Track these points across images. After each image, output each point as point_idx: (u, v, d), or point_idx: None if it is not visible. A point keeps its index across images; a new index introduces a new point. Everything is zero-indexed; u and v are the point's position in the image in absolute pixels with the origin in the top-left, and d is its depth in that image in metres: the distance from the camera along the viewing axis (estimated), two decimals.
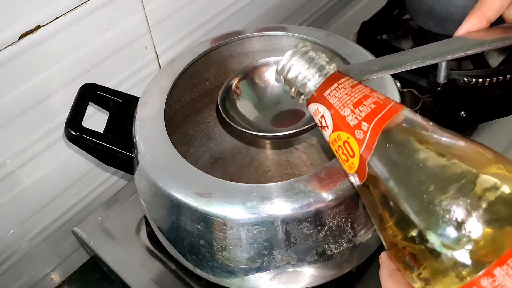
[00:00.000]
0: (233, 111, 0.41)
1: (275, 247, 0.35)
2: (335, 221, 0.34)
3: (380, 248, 0.45)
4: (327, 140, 0.30)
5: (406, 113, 0.27)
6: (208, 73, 0.50)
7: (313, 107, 0.30)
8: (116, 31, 0.49)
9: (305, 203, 0.33)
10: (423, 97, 0.42)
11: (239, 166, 0.56)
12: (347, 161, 0.28)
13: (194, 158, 0.53)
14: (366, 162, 0.27)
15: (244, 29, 0.48)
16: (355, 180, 0.28)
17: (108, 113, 0.44)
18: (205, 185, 0.35)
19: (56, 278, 0.58)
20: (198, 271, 0.40)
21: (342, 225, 0.35)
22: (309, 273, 0.37)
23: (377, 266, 0.46)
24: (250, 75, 0.43)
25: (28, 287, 0.56)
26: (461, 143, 0.25)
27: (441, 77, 0.43)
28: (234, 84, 0.42)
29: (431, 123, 0.27)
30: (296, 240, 0.34)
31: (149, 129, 0.40)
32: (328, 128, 0.29)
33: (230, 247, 0.35)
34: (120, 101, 0.45)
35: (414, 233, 0.24)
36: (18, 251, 0.52)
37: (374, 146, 0.26)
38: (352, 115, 0.27)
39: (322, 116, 0.29)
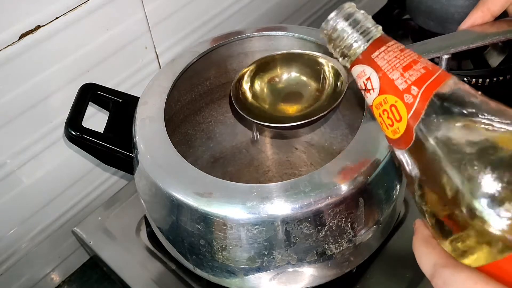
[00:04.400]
0: (244, 102, 0.41)
1: (275, 247, 0.35)
2: (335, 221, 0.34)
3: (380, 248, 0.45)
4: (369, 104, 0.30)
5: (456, 81, 0.27)
6: (208, 73, 0.50)
7: (358, 69, 0.30)
8: (116, 31, 0.49)
9: (305, 203, 0.33)
10: None
11: (239, 166, 0.56)
12: (392, 125, 0.28)
13: (194, 158, 0.53)
14: (414, 128, 0.26)
15: (244, 29, 0.48)
16: (397, 146, 0.28)
17: (108, 113, 0.44)
18: (205, 185, 0.35)
19: (56, 278, 0.58)
20: (198, 271, 0.40)
21: (342, 225, 0.35)
22: (309, 273, 0.37)
23: (377, 266, 0.46)
24: (261, 67, 0.43)
25: (28, 287, 0.56)
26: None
27: None
28: (245, 76, 0.43)
29: (479, 93, 0.26)
30: (296, 240, 0.34)
31: (149, 129, 0.40)
32: (373, 91, 0.29)
33: (230, 247, 0.35)
34: (120, 101, 0.45)
35: (460, 200, 0.24)
36: (18, 251, 0.52)
37: (423, 111, 0.26)
38: (402, 79, 0.27)
39: (368, 79, 0.29)
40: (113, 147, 0.42)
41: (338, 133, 0.54)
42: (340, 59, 0.32)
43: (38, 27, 0.43)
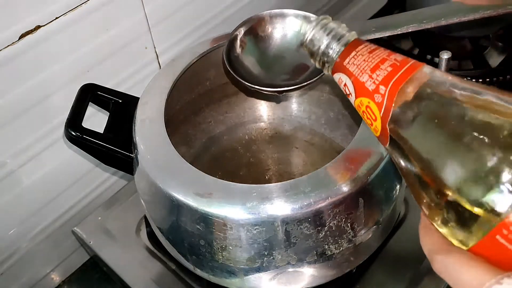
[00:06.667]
0: (238, 64, 0.41)
1: (275, 247, 0.35)
2: (335, 221, 0.34)
3: (380, 248, 0.45)
4: (354, 107, 0.31)
5: (425, 70, 0.27)
6: (208, 73, 0.50)
7: (337, 77, 0.31)
8: (116, 31, 0.49)
9: (305, 203, 0.33)
10: None
11: (239, 165, 0.56)
12: (371, 125, 0.29)
13: (194, 158, 0.53)
14: (387, 125, 0.27)
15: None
16: (382, 143, 0.29)
17: (108, 113, 0.44)
18: (205, 185, 0.35)
19: (56, 278, 0.58)
20: (198, 271, 0.40)
21: (342, 225, 0.35)
22: (309, 273, 0.37)
23: (377, 266, 0.46)
24: (254, 27, 0.42)
25: (28, 287, 0.56)
26: (489, 93, 0.25)
27: None
28: (239, 37, 0.42)
29: (450, 77, 0.26)
30: (296, 240, 0.34)
31: (149, 129, 0.40)
32: (351, 95, 0.30)
33: (230, 248, 0.35)
34: (120, 101, 0.45)
35: (433, 189, 0.25)
36: (18, 251, 0.52)
37: (392, 108, 0.27)
38: (370, 80, 0.28)
39: (345, 85, 0.31)
40: (113, 147, 0.42)
41: (338, 133, 0.54)
42: (323, 68, 0.33)
43: (38, 27, 0.43)
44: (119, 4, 0.48)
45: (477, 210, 0.22)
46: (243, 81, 0.39)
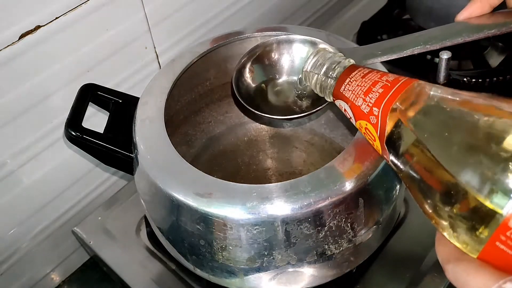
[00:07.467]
0: (247, 92, 0.41)
1: (275, 247, 0.35)
2: (335, 221, 0.34)
3: (380, 248, 0.45)
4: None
5: (416, 86, 0.28)
6: (208, 74, 0.50)
7: (337, 103, 0.33)
8: (116, 31, 0.50)
9: (305, 203, 0.33)
10: None
11: (239, 165, 0.56)
12: (373, 145, 0.30)
13: (194, 158, 0.53)
14: (384, 143, 0.28)
15: (244, 29, 0.48)
16: (385, 159, 0.30)
17: (108, 113, 0.45)
18: (205, 185, 0.35)
19: (56, 278, 0.58)
20: (198, 271, 0.40)
21: (342, 225, 0.35)
22: (309, 273, 0.37)
23: (377, 266, 0.46)
24: (261, 55, 0.42)
25: (28, 287, 0.56)
26: (480, 99, 0.25)
27: (441, 77, 0.43)
28: (247, 66, 0.42)
29: (440, 90, 0.27)
30: (296, 240, 0.34)
31: (149, 129, 0.40)
32: (352, 119, 0.32)
33: (230, 248, 0.35)
34: (120, 101, 0.45)
35: (436, 200, 0.25)
36: (18, 251, 0.52)
37: (386, 127, 0.28)
38: (364, 104, 0.30)
39: (345, 110, 0.32)
40: (113, 147, 0.42)
41: (338, 133, 0.54)
42: (325, 96, 0.34)
43: (38, 27, 0.43)
44: (119, 4, 0.48)
45: (476, 218, 0.23)
46: (253, 110, 0.40)
